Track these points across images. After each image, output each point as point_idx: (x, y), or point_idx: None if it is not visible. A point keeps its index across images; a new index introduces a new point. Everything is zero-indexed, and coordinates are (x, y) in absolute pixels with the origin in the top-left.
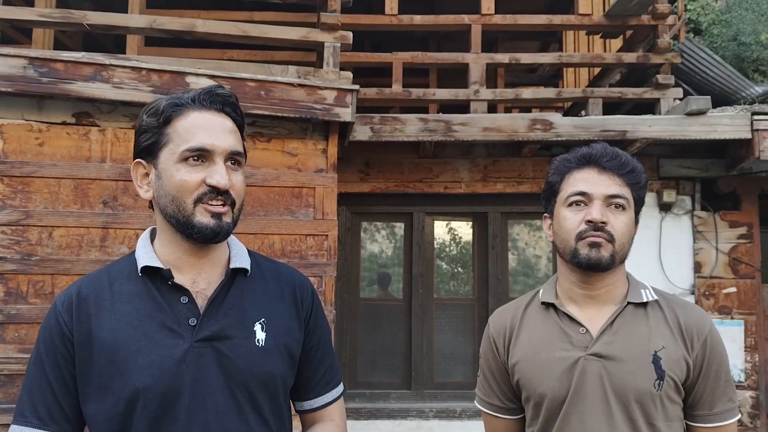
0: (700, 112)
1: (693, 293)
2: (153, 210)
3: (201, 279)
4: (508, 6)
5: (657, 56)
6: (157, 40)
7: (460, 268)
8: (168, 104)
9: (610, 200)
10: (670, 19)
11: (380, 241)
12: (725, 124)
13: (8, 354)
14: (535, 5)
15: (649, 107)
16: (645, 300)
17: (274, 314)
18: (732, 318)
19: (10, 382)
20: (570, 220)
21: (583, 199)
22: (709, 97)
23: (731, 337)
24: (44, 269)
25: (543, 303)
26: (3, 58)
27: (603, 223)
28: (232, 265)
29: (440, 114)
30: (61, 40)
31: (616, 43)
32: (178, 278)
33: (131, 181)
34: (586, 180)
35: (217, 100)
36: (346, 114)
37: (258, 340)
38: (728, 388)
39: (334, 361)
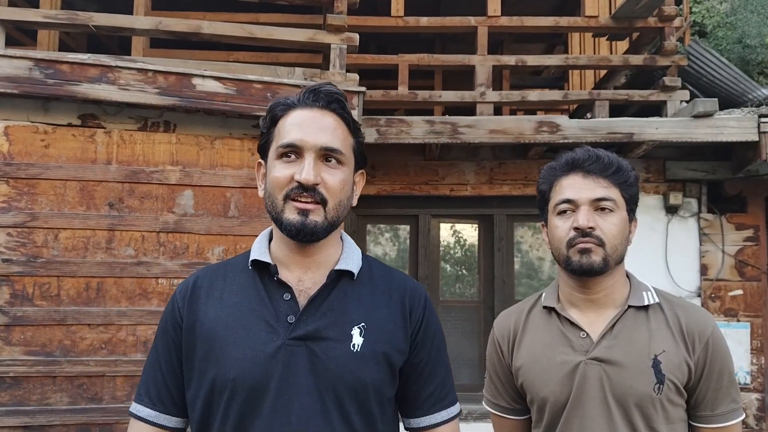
0: (707, 115)
1: (699, 296)
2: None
3: (307, 278)
4: (514, 8)
5: (663, 58)
6: (162, 42)
7: (465, 271)
8: (275, 104)
9: (596, 204)
10: (677, 22)
11: (384, 244)
12: (732, 126)
13: (14, 356)
14: (541, 7)
15: (656, 109)
16: (646, 303)
17: (377, 320)
18: (738, 320)
19: (16, 384)
20: (559, 228)
21: (570, 206)
22: (716, 99)
23: (737, 339)
24: (50, 271)
25: (545, 307)
26: (8, 60)
27: (591, 228)
28: (337, 267)
29: (446, 116)
30: (65, 41)
31: (622, 45)
32: (284, 275)
33: (137, 183)
34: (571, 186)
35: (321, 97)
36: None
37: (354, 344)
38: (731, 389)
39: (448, 379)
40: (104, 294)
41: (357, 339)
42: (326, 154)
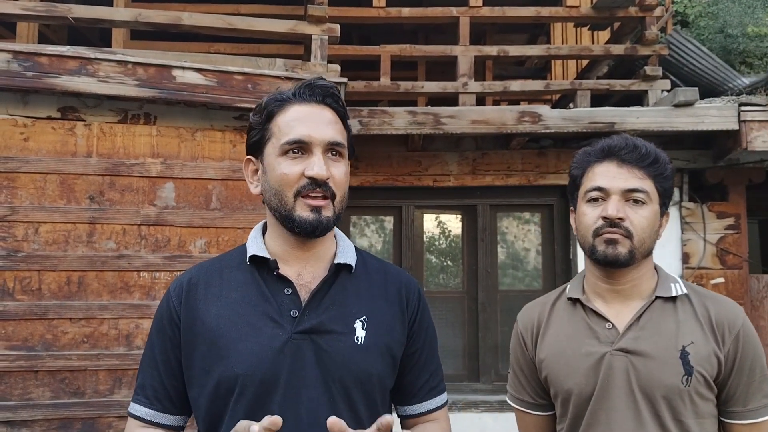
0: (688, 104)
1: None
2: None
3: (306, 272)
4: None
5: (645, 48)
6: (143, 34)
7: (449, 261)
8: (270, 100)
9: (628, 195)
10: (658, 11)
11: (369, 236)
12: (713, 115)
13: None
14: None
15: (637, 99)
16: (674, 294)
17: (377, 313)
18: None
19: None
20: (588, 215)
21: (601, 194)
22: (696, 88)
23: None
24: (31, 265)
25: (569, 299)
26: None
27: (620, 219)
28: (336, 261)
29: (428, 107)
30: (45, 34)
31: (604, 35)
32: (284, 270)
33: (118, 176)
34: (604, 174)
35: (317, 92)
36: None
37: (357, 337)
38: (764, 384)
39: (440, 367)
40: (86, 288)
41: (360, 332)
42: (332, 149)
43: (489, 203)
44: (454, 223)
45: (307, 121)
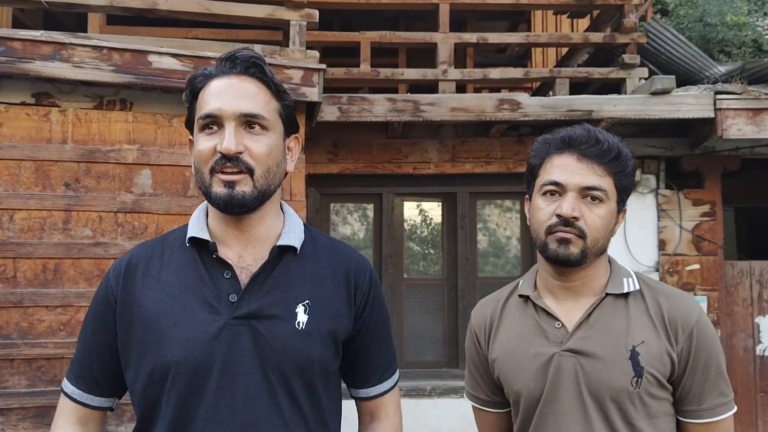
0: (665, 92)
1: (657, 270)
2: None
3: (248, 254)
4: None
5: (623, 36)
6: (119, 19)
7: (430, 249)
8: (194, 77)
9: (585, 192)
10: None
11: (352, 223)
12: (689, 103)
13: None
14: None
15: (616, 87)
16: (626, 290)
17: (321, 296)
18: (695, 294)
19: None
20: (542, 211)
21: (557, 189)
22: (673, 76)
23: None
24: (5, 253)
25: (521, 296)
26: None
27: (574, 218)
28: (279, 243)
29: (408, 94)
30: (20, 18)
31: (584, 23)
32: (224, 252)
33: (93, 162)
34: (562, 168)
35: (237, 63)
36: (313, 94)
37: (298, 322)
38: (720, 382)
39: (392, 349)
40: (62, 275)
41: (302, 317)
42: (248, 121)
43: (469, 191)
44: (435, 210)
45: (222, 95)
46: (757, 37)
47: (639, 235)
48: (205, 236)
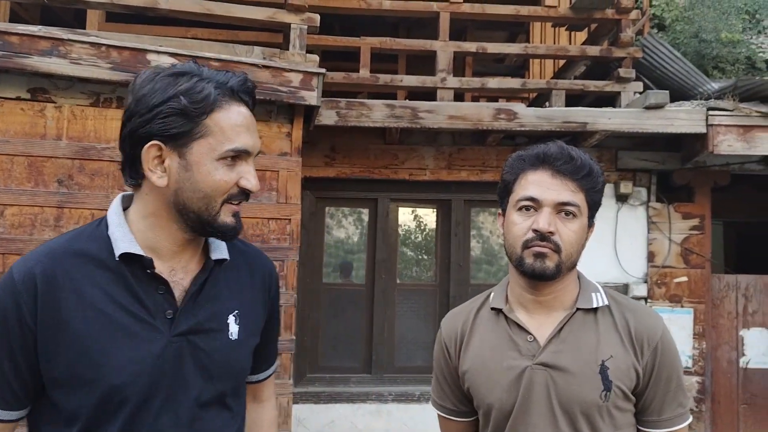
0: (658, 106)
1: (646, 282)
2: (132, 187)
3: (179, 268)
4: None
5: (619, 50)
6: (119, 16)
7: (424, 255)
8: (216, 93)
9: (560, 207)
10: (634, 14)
11: (347, 227)
12: (682, 118)
13: None
14: None
15: (611, 100)
16: (595, 305)
17: (247, 304)
18: (682, 306)
19: None
20: (518, 226)
21: (533, 204)
22: (667, 91)
23: (681, 324)
24: None
25: (493, 308)
26: None
27: (550, 233)
28: (213, 256)
29: (407, 101)
30: (18, 13)
31: (582, 36)
32: (157, 266)
33: (88, 159)
34: (537, 183)
35: (248, 92)
36: (311, 97)
37: (231, 333)
38: (679, 394)
39: (278, 336)
40: None
41: (233, 327)
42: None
43: (464, 198)
44: (429, 216)
45: (250, 130)
46: (751, 54)
47: (629, 247)
48: (139, 251)
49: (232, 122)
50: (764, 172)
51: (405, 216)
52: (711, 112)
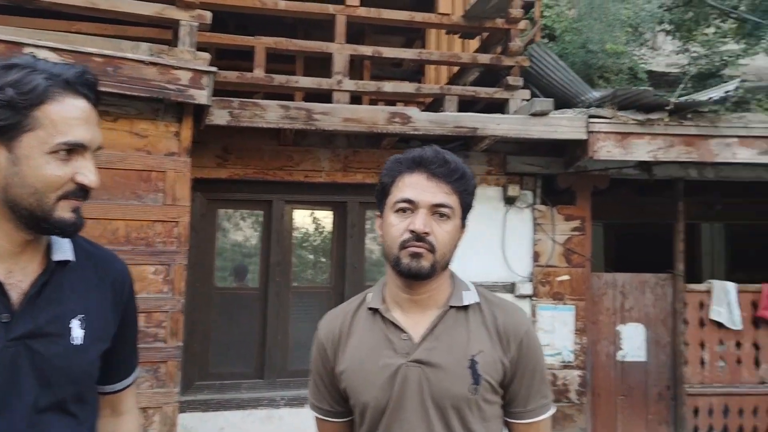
0: (543, 113)
1: (531, 281)
2: None
3: (18, 269)
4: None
5: (508, 59)
6: None
7: (321, 257)
8: (47, 85)
9: (435, 209)
10: (522, 24)
11: (245, 230)
12: (564, 125)
13: None
14: (402, 1)
15: (501, 107)
16: (466, 303)
17: (93, 308)
18: (564, 303)
19: None
20: (395, 227)
21: (410, 206)
22: (552, 99)
23: (563, 321)
24: None
25: (369, 309)
26: None
27: (425, 233)
28: (54, 258)
29: (302, 102)
30: None
31: (475, 44)
32: None
33: None
34: (414, 186)
35: (87, 85)
36: (201, 96)
37: (74, 337)
38: (543, 386)
39: (137, 344)
40: None
41: (77, 332)
42: (94, 151)
43: (359, 200)
44: (327, 219)
45: (87, 123)
46: (634, 65)
47: (516, 247)
48: None
49: (66, 115)
50: (640, 177)
51: (303, 219)
52: (591, 120)
